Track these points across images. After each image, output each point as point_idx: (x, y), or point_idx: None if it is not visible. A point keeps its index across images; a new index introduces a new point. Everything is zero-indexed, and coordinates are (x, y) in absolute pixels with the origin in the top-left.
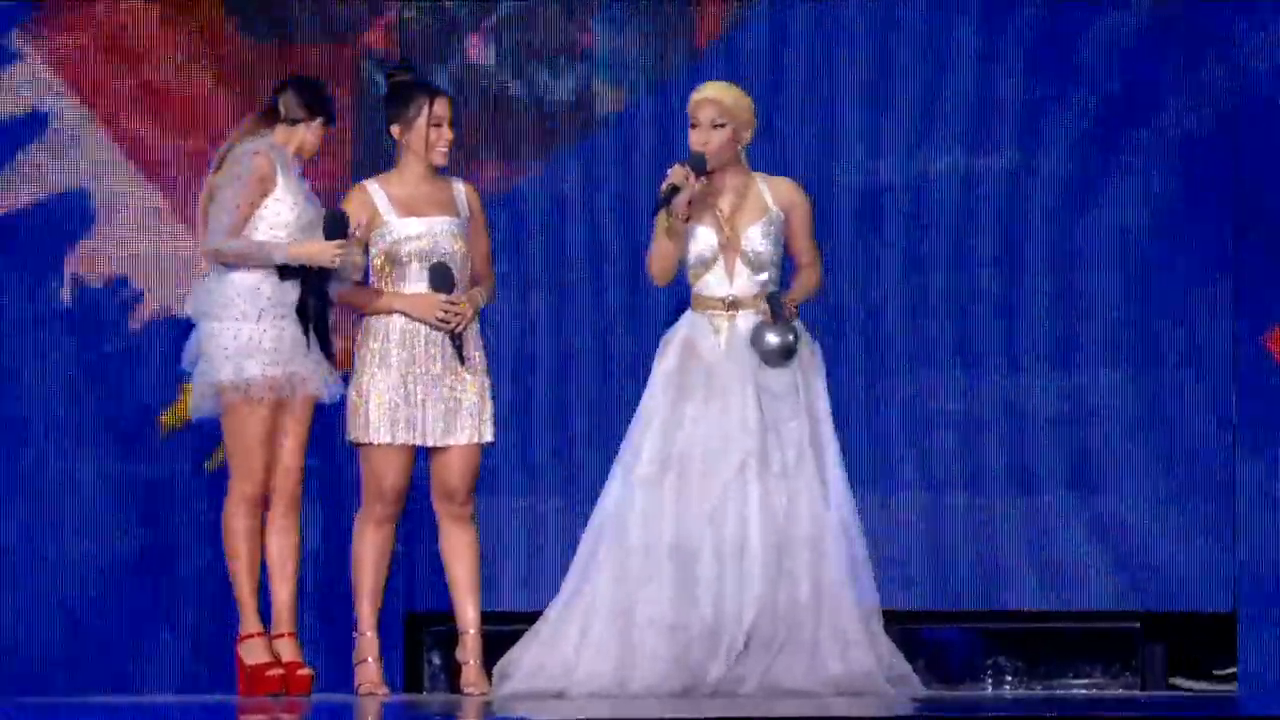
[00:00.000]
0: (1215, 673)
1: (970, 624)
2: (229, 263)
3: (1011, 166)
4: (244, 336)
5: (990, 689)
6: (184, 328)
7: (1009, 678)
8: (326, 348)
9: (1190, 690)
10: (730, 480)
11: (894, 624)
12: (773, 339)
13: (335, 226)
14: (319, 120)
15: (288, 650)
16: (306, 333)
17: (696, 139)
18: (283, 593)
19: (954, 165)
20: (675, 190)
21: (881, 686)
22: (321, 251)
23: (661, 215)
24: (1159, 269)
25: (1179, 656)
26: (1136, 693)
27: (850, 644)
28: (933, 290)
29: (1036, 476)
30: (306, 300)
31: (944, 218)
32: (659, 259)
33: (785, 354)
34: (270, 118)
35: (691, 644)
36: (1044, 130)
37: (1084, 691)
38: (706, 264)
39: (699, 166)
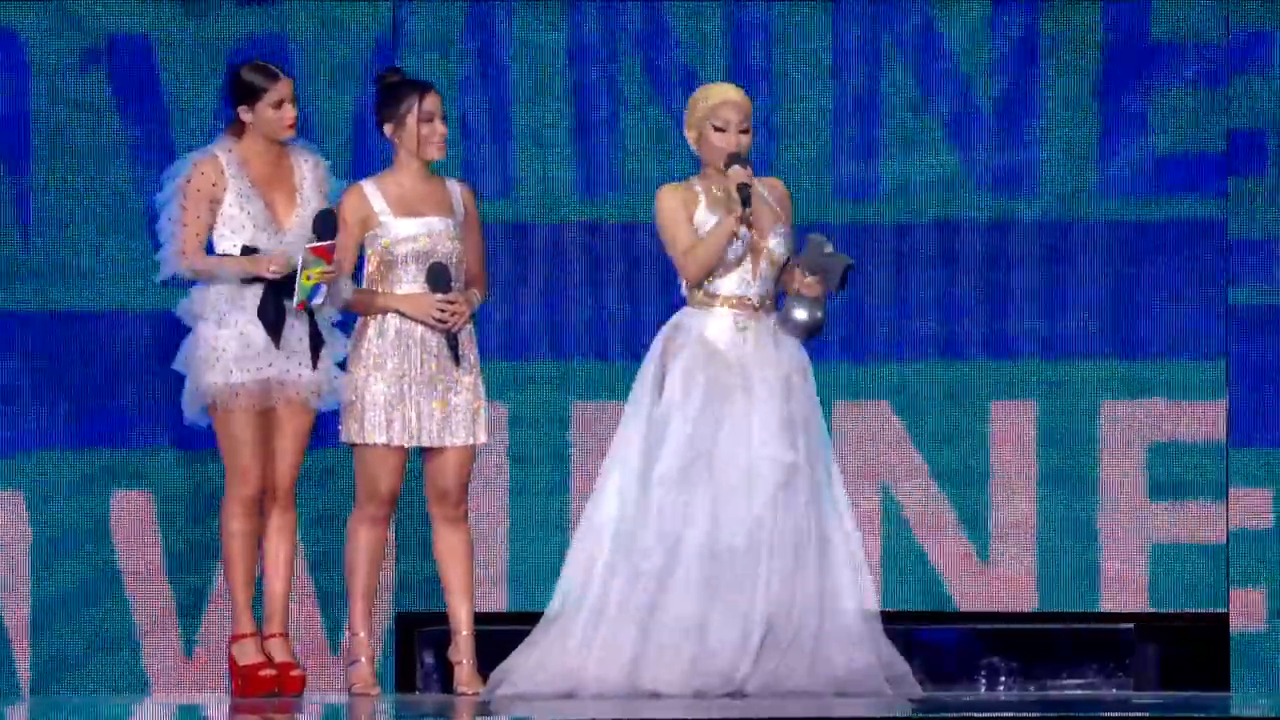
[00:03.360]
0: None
1: (964, 625)
2: (201, 279)
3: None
4: (212, 344)
5: (984, 690)
6: None
7: (1003, 678)
8: (316, 349)
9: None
10: (774, 489)
11: (889, 625)
12: (801, 315)
13: (325, 225)
14: (245, 105)
15: (280, 650)
16: (274, 337)
17: (726, 143)
18: (276, 595)
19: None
20: (747, 188)
21: (881, 685)
22: (261, 265)
23: (730, 218)
24: (1154, 267)
25: (1173, 657)
26: (1130, 693)
27: (852, 642)
28: (919, 283)
29: (1028, 475)
30: (267, 304)
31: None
32: (715, 257)
33: (813, 330)
34: (236, 130)
35: (715, 648)
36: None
37: (1078, 692)
38: (733, 263)
39: (747, 163)
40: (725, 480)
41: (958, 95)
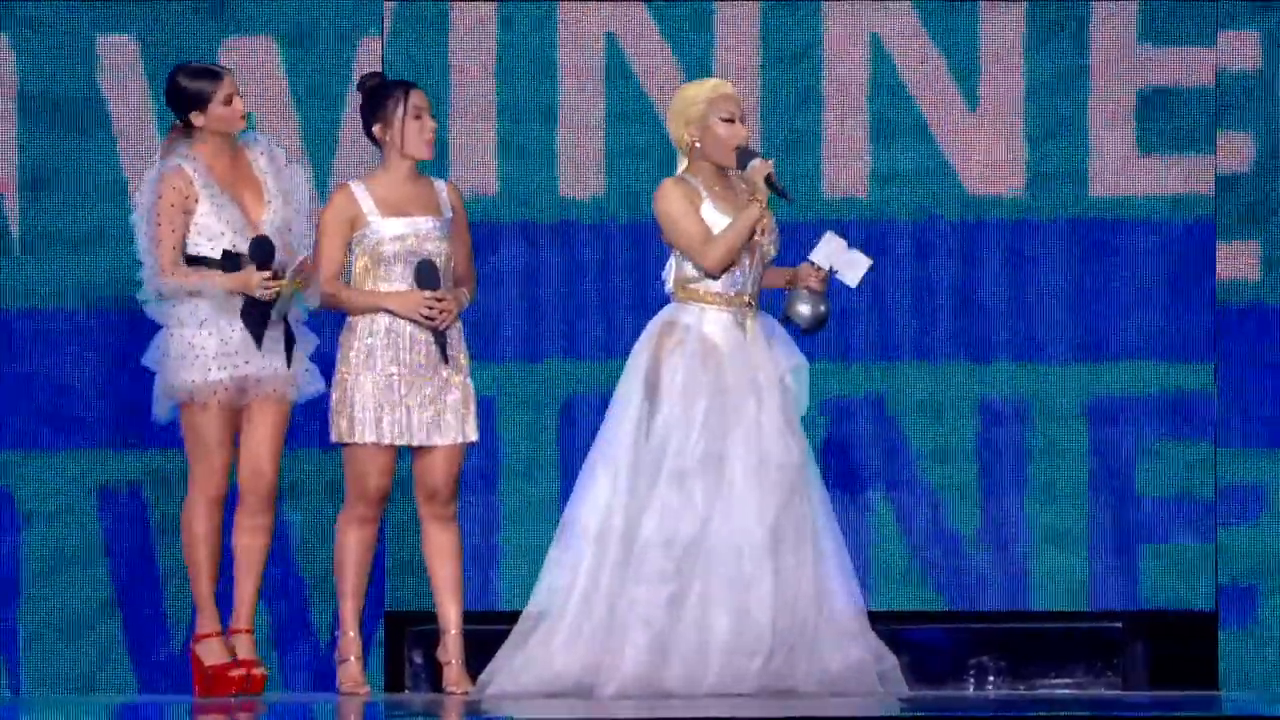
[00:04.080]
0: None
1: (953, 624)
2: (182, 295)
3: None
4: (190, 341)
5: (973, 689)
6: None
7: (992, 678)
8: (290, 346)
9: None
10: (790, 488)
11: (878, 624)
12: (804, 309)
13: (262, 251)
14: (196, 111)
15: (244, 648)
16: (255, 337)
17: (738, 133)
18: (246, 591)
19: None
20: (771, 178)
21: (874, 681)
22: (248, 282)
23: (754, 208)
24: (1141, 267)
25: (1161, 656)
26: (1119, 692)
27: (846, 638)
28: (907, 282)
29: (1013, 476)
30: (251, 307)
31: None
32: (740, 249)
33: (819, 323)
34: (185, 131)
35: (740, 644)
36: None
37: (1067, 691)
38: (736, 260)
39: (762, 156)
40: (739, 481)
41: (943, 93)
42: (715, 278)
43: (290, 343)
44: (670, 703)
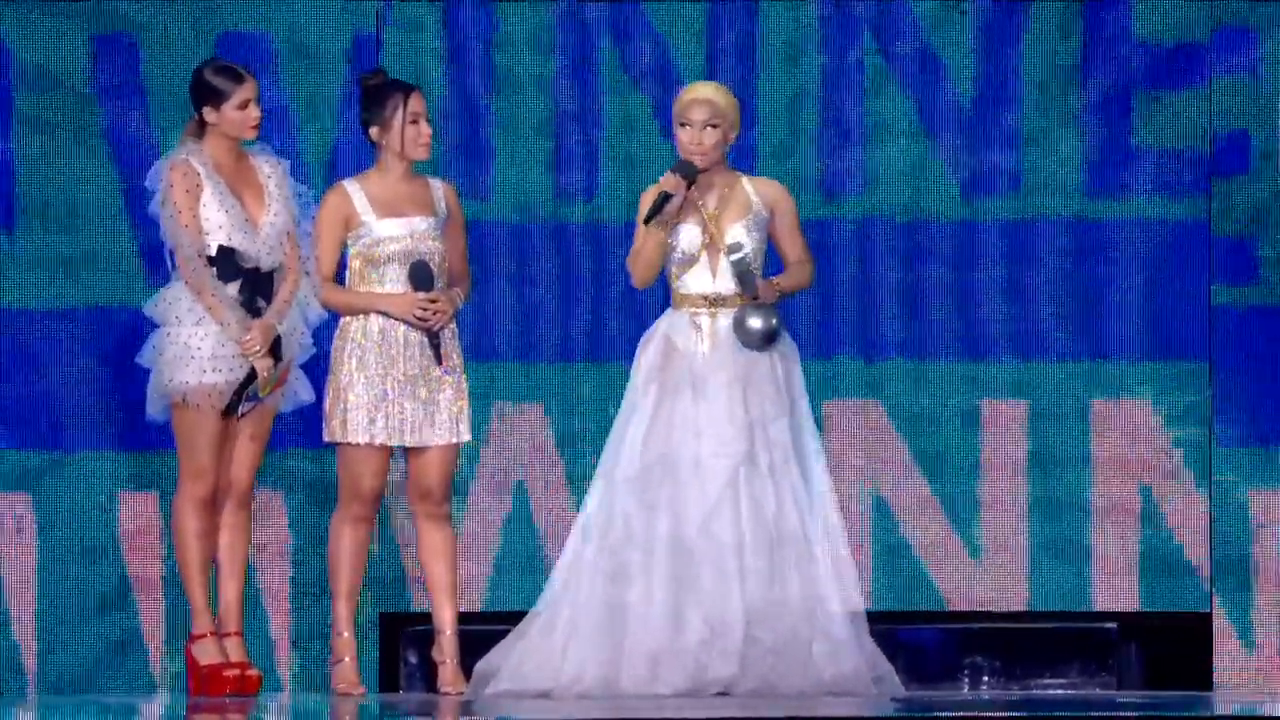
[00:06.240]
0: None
1: (947, 624)
2: (190, 289)
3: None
4: (186, 341)
5: (967, 689)
6: None
7: (986, 678)
8: (277, 353)
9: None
10: (725, 481)
11: (872, 624)
12: (755, 323)
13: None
14: (210, 107)
15: (236, 650)
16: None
17: (689, 138)
18: (230, 592)
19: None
20: (668, 198)
21: (867, 687)
22: (245, 347)
23: (650, 231)
24: (1137, 267)
25: (1157, 657)
26: (1114, 692)
27: (839, 645)
28: (907, 282)
29: (1010, 475)
30: (245, 308)
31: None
32: (643, 264)
33: (768, 339)
34: (197, 130)
35: (689, 645)
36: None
37: (1060, 692)
38: (689, 262)
39: (690, 174)
40: (681, 478)
41: (936, 91)
42: (672, 286)
43: (275, 346)
44: (663, 703)
